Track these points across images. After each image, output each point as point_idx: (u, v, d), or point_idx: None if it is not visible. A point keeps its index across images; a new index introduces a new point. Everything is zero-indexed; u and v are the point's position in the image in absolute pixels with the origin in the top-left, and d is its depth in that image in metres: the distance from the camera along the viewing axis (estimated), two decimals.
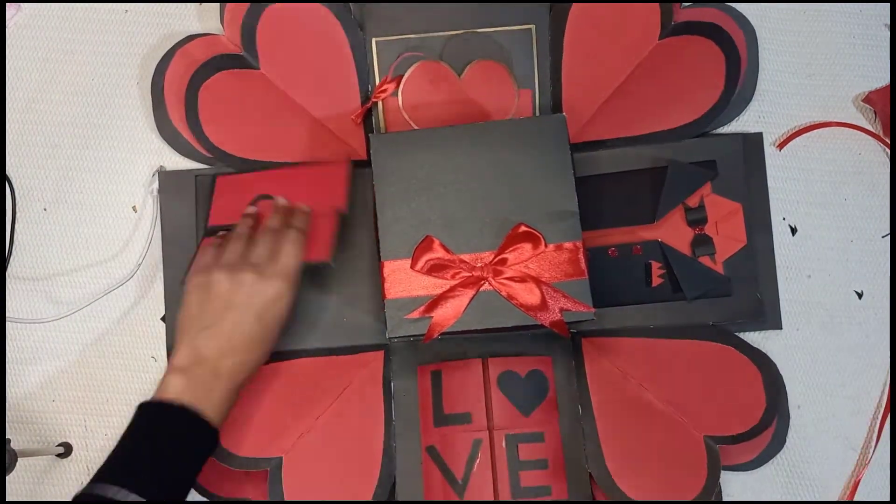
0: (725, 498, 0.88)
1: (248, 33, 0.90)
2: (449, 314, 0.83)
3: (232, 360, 0.79)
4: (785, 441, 0.89)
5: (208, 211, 0.90)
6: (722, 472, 0.85)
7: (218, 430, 0.79)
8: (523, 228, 0.83)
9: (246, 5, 0.90)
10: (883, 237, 0.92)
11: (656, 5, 0.90)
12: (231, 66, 0.90)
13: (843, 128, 0.93)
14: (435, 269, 0.83)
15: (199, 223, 0.91)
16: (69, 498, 0.71)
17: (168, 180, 0.92)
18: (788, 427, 0.89)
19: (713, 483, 0.84)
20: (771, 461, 0.89)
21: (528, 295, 0.82)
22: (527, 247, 0.83)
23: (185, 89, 0.90)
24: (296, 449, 0.86)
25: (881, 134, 0.93)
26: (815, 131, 0.93)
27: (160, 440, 0.76)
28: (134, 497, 0.73)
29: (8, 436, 0.89)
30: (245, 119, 0.91)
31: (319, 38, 0.91)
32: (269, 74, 0.91)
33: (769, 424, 0.86)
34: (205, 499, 0.88)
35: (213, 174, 0.91)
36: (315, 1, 0.91)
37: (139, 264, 0.90)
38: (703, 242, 0.89)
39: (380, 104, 0.92)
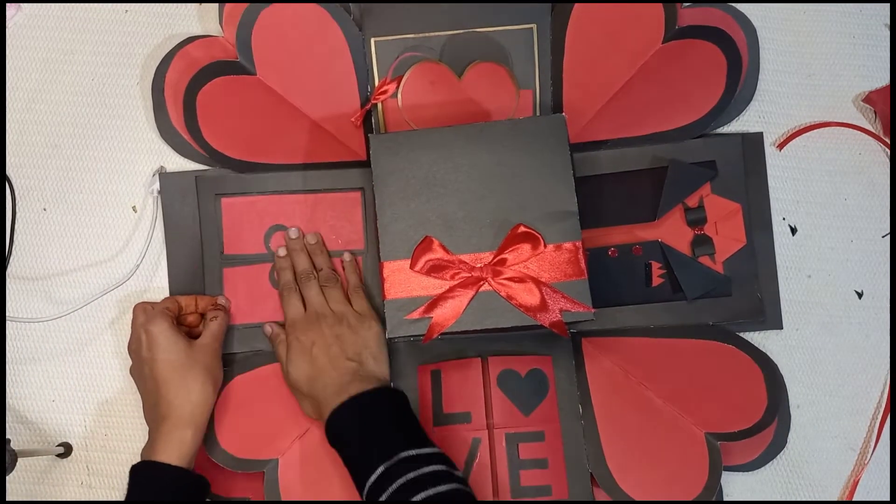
0: (726, 498, 0.88)
1: (244, 39, 0.89)
2: (448, 314, 0.83)
3: None
4: (785, 441, 0.89)
5: (221, 238, 0.90)
6: (723, 472, 0.85)
7: None
8: (523, 229, 0.83)
9: (244, 6, 0.90)
10: (883, 237, 0.92)
11: (659, 6, 0.89)
12: (227, 73, 0.90)
13: (843, 128, 0.93)
14: (434, 269, 0.83)
15: (202, 228, 0.90)
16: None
17: (169, 181, 0.92)
18: (789, 427, 0.89)
19: (714, 481, 0.84)
20: (771, 461, 0.89)
21: (528, 295, 0.82)
22: (526, 247, 0.83)
23: (182, 94, 0.89)
24: (292, 450, 0.86)
25: (881, 134, 0.93)
26: (815, 131, 0.93)
27: None
28: None
29: (8, 436, 0.89)
30: (243, 123, 0.90)
31: (318, 39, 0.91)
32: (266, 79, 0.91)
33: (771, 422, 0.86)
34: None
35: (215, 176, 0.91)
36: (313, 1, 0.90)
37: (138, 264, 0.90)
38: (702, 242, 0.89)
39: (379, 105, 0.92)
